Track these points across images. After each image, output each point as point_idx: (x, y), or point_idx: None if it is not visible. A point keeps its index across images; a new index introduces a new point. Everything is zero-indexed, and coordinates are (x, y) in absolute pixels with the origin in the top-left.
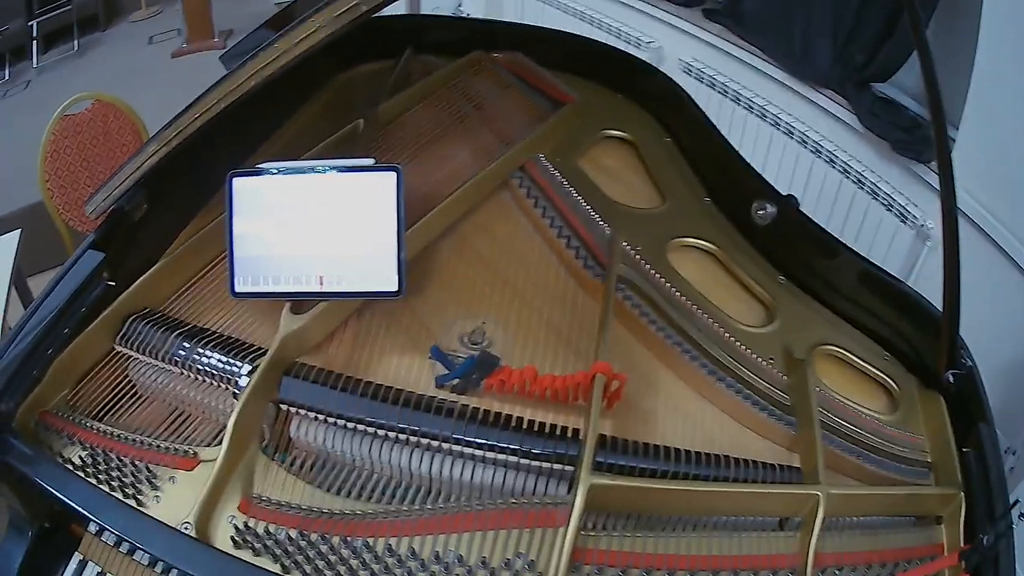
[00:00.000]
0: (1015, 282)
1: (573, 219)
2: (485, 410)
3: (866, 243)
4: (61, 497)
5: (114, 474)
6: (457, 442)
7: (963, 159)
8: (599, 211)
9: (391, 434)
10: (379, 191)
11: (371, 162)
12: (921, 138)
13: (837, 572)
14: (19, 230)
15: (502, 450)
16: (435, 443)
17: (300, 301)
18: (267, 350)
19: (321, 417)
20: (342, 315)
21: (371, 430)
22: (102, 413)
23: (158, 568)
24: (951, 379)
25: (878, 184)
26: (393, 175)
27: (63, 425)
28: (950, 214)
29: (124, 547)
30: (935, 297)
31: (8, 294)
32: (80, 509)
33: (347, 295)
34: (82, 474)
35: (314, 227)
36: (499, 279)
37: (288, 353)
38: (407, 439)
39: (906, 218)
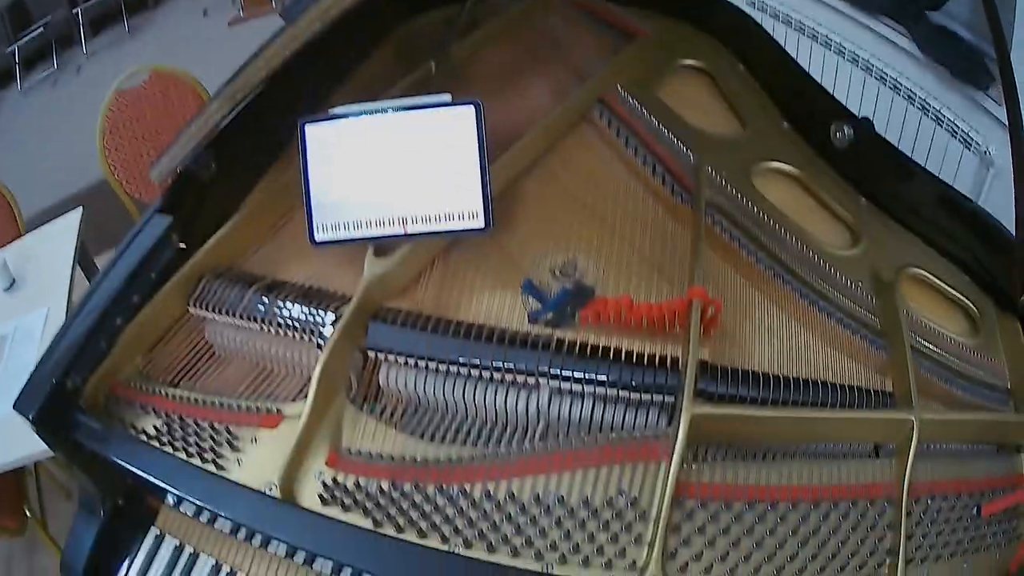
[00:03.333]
0: None
1: (657, 148)
2: (582, 342)
3: (933, 170)
4: (135, 470)
5: (191, 440)
6: (554, 377)
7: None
8: (682, 139)
9: (485, 374)
10: (459, 127)
11: (448, 98)
12: (977, 64)
13: (929, 502)
14: (80, 207)
15: (600, 383)
16: (531, 380)
17: (384, 245)
18: (351, 298)
19: (411, 362)
20: (428, 256)
21: (464, 371)
22: (177, 379)
23: (240, 535)
24: None
25: (941, 111)
26: (472, 109)
27: (135, 395)
28: (1018, 131)
29: (204, 516)
30: (1003, 222)
31: (73, 272)
32: (155, 480)
33: (433, 234)
34: (157, 443)
35: (394, 168)
36: (587, 211)
37: (374, 298)
38: (502, 378)
39: (970, 144)
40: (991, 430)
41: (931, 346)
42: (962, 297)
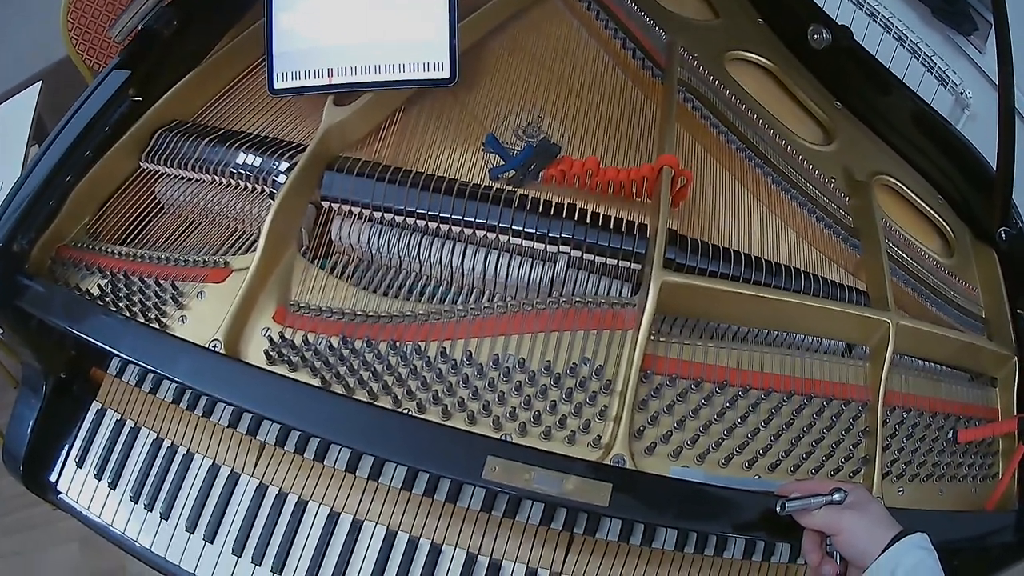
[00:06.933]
0: None
1: (628, 23)
2: (545, 201)
3: None
4: (76, 332)
5: (135, 298)
6: (516, 234)
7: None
8: (654, 17)
9: (443, 228)
10: None
11: None
12: (960, 11)
13: (905, 415)
14: (39, 83)
15: (564, 241)
16: (491, 237)
17: (345, 94)
18: (306, 148)
19: (365, 214)
20: (389, 107)
21: (420, 224)
22: (125, 237)
23: (184, 403)
24: (1003, 235)
25: (919, 44)
26: None
27: (81, 255)
28: (1005, 54)
29: (147, 385)
30: None
31: (29, 146)
32: (97, 342)
33: (396, 84)
34: (100, 303)
35: (361, 18)
36: (554, 78)
37: (331, 146)
38: (460, 233)
39: (946, 83)
40: (966, 354)
41: (904, 255)
42: (936, 215)
